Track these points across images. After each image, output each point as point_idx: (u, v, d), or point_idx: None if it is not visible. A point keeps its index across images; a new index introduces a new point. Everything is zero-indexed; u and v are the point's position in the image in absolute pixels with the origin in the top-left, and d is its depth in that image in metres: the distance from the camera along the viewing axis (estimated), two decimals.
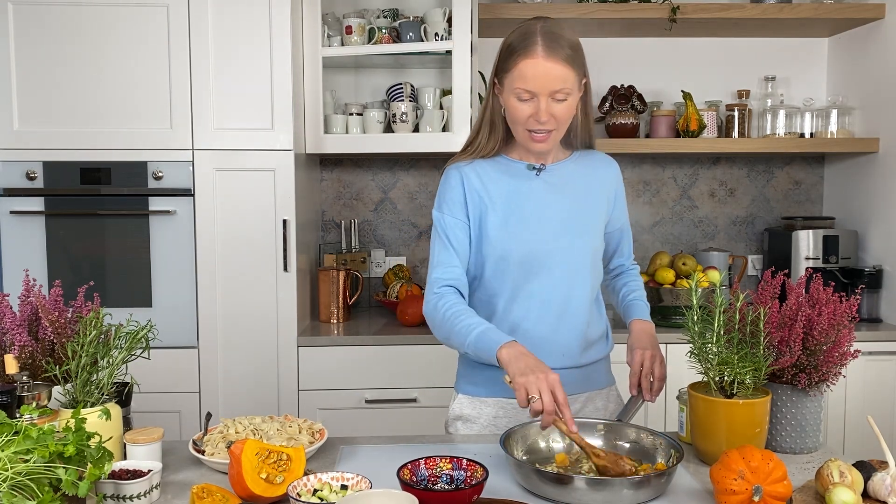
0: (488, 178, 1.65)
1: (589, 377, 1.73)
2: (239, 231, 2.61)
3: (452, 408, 1.74)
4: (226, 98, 2.57)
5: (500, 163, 1.68)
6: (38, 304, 1.46)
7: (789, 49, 3.23)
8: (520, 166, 1.67)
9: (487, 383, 1.68)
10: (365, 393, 2.66)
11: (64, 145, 2.57)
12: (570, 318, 1.66)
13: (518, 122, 1.58)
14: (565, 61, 1.53)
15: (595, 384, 1.74)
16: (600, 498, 1.24)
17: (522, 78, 1.54)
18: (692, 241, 3.30)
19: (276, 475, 1.27)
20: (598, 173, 1.73)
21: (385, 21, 2.89)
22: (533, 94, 1.54)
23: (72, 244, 2.60)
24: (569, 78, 1.54)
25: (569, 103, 1.57)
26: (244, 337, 2.63)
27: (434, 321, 1.61)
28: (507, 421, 1.68)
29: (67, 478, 1.08)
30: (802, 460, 1.48)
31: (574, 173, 1.70)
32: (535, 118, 1.55)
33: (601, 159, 1.77)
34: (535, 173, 1.67)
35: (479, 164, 1.67)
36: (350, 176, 3.23)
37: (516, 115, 1.57)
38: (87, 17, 2.54)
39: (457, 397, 1.75)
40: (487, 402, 1.70)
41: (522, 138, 1.61)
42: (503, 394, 1.67)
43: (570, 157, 1.72)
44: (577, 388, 1.70)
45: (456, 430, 1.73)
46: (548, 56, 1.52)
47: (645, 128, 3.15)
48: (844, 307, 1.49)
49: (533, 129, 1.57)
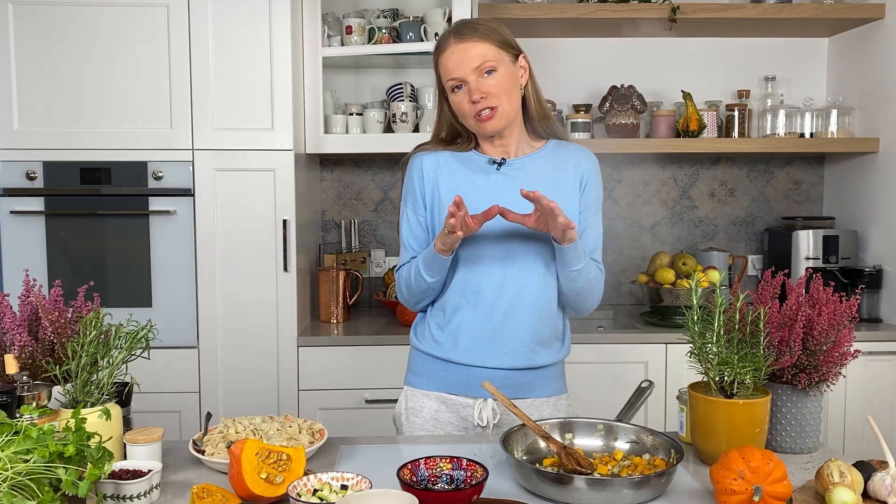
0: (447, 168, 1.66)
1: (536, 381, 1.67)
2: (239, 231, 2.61)
3: (399, 400, 1.76)
4: (226, 98, 2.57)
5: (465, 156, 1.68)
6: (38, 304, 1.46)
7: (789, 49, 3.23)
8: (481, 160, 1.67)
9: (430, 375, 1.69)
10: (365, 393, 2.66)
11: (64, 145, 2.57)
12: (517, 316, 1.62)
13: (463, 113, 1.61)
14: (480, 38, 1.57)
15: (543, 390, 1.68)
16: (600, 498, 1.24)
17: (447, 70, 1.59)
18: (692, 241, 3.30)
19: (276, 475, 1.27)
20: (566, 164, 1.68)
21: (385, 21, 2.89)
22: (460, 80, 1.58)
23: (72, 244, 2.60)
24: (488, 51, 1.57)
25: (499, 75, 1.58)
26: (244, 337, 2.63)
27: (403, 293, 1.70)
28: (450, 416, 1.68)
29: (67, 478, 1.08)
30: (802, 460, 1.48)
31: (540, 167, 1.66)
32: (471, 101, 1.58)
33: (575, 150, 1.70)
34: (496, 167, 1.65)
35: (442, 154, 1.69)
36: (350, 176, 3.23)
37: (459, 107, 1.61)
38: (87, 17, 2.54)
39: (403, 389, 1.76)
40: (430, 396, 1.70)
41: (473, 126, 1.63)
42: (444, 388, 1.68)
43: (539, 150, 1.69)
44: (524, 391, 1.65)
45: (400, 425, 1.73)
46: (459, 40, 1.58)
47: (645, 128, 3.15)
48: (844, 307, 1.49)
49: (473, 112, 1.59)
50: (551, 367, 1.70)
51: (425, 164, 1.68)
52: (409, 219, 1.69)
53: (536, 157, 1.68)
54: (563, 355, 1.72)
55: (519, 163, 1.66)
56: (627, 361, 2.68)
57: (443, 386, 1.67)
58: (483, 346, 1.61)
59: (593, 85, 3.16)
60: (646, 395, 1.60)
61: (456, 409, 1.67)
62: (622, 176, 3.27)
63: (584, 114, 3.02)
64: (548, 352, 1.68)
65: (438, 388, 1.68)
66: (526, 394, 1.66)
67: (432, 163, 1.67)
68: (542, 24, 2.97)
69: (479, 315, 1.63)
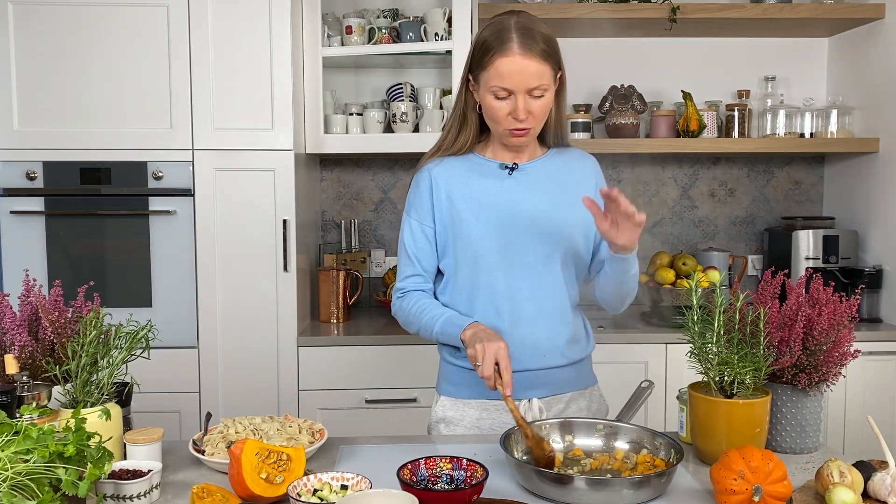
0: (459, 178, 1.64)
1: (572, 377, 1.70)
2: (239, 231, 2.61)
3: (435, 410, 1.73)
4: (226, 98, 2.58)
5: (472, 161, 1.67)
6: (38, 304, 1.46)
7: (789, 49, 3.23)
8: (492, 165, 1.66)
9: (469, 384, 1.67)
10: (365, 393, 2.66)
11: (64, 145, 2.57)
12: (545, 317, 1.64)
13: (496, 120, 1.58)
14: (541, 57, 1.52)
15: (579, 383, 1.72)
16: (600, 498, 1.24)
17: (499, 76, 1.52)
18: (692, 241, 3.30)
19: (276, 475, 1.27)
20: (575, 169, 1.69)
21: (385, 21, 2.89)
22: (510, 92, 1.53)
23: (72, 244, 2.60)
24: (545, 74, 1.53)
25: (546, 99, 1.56)
26: (244, 337, 2.63)
27: (402, 320, 1.69)
28: (491, 423, 1.67)
29: (67, 478, 1.08)
30: (802, 460, 1.48)
31: (550, 171, 1.67)
32: (513, 116, 1.55)
33: (578, 156, 1.72)
34: (508, 172, 1.65)
35: (450, 163, 1.66)
36: (350, 176, 3.23)
37: (494, 113, 1.57)
38: (87, 17, 2.54)
39: (439, 399, 1.73)
40: (470, 404, 1.68)
41: (501, 134, 1.61)
42: (486, 395, 1.66)
43: (545, 154, 1.70)
44: (557, 388, 1.68)
45: (438, 433, 1.71)
46: (524, 53, 1.51)
47: (645, 128, 3.15)
48: (844, 307, 1.49)
49: (511, 126, 1.57)
50: (583, 361, 1.74)
51: (436, 178, 1.65)
52: (412, 229, 1.67)
53: (543, 162, 1.69)
54: (591, 349, 1.76)
55: (529, 167, 1.67)
56: (627, 361, 2.68)
57: (483, 393, 1.66)
58: (518, 350, 1.59)
59: (593, 85, 3.16)
60: (646, 395, 1.60)
61: (499, 413, 1.67)
62: (622, 176, 3.27)
63: (583, 114, 3.02)
64: (578, 347, 1.71)
65: (480, 396, 1.68)
66: (564, 389, 1.69)
67: (443, 175, 1.65)
68: None
69: (510, 322, 1.63)
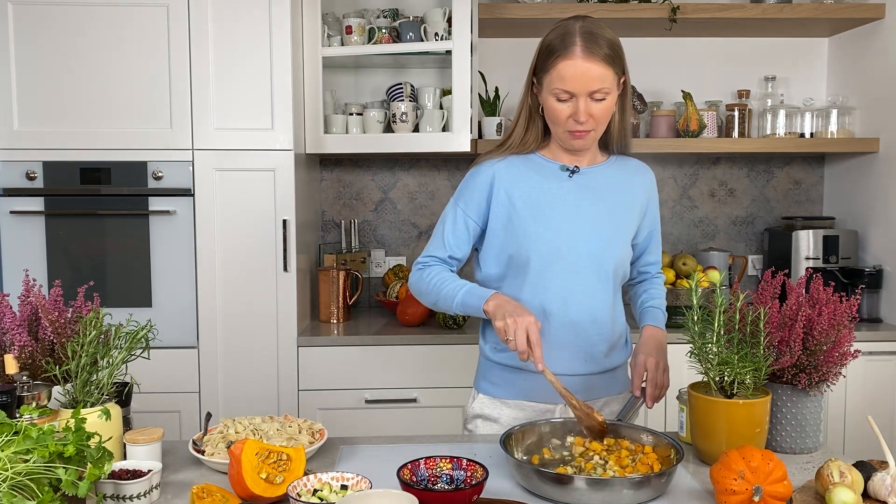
0: (520, 177, 1.65)
1: (610, 382, 1.72)
2: (239, 231, 2.61)
3: (472, 406, 1.74)
4: (226, 98, 2.57)
5: (533, 161, 1.67)
6: (38, 304, 1.46)
7: (789, 49, 3.23)
8: (553, 167, 1.67)
9: (507, 384, 1.69)
10: (365, 393, 2.66)
11: (64, 145, 2.56)
12: (592, 323, 1.65)
13: (557, 122, 1.59)
14: (604, 61, 1.53)
15: (615, 388, 1.74)
16: (600, 498, 1.24)
17: (561, 79, 1.54)
18: (692, 241, 3.30)
19: (276, 475, 1.27)
20: (633, 181, 1.72)
21: (385, 21, 2.89)
22: (572, 95, 1.54)
23: (72, 244, 2.60)
24: (607, 77, 1.54)
25: (608, 102, 1.56)
26: (244, 337, 2.63)
27: (420, 291, 1.67)
28: None
29: (67, 478, 1.08)
30: (802, 460, 1.48)
31: (609, 179, 1.68)
32: (574, 118, 1.56)
33: (636, 167, 1.74)
34: (569, 175, 1.66)
35: (513, 161, 1.67)
36: (350, 176, 3.23)
37: (555, 115, 1.58)
38: (87, 17, 2.54)
39: (477, 396, 1.75)
40: (508, 404, 1.70)
41: (562, 137, 1.62)
42: (523, 396, 1.68)
43: (606, 161, 1.71)
44: (599, 392, 1.70)
45: (475, 428, 1.72)
46: (586, 56, 1.52)
47: (645, 128, 3.15)
48: (844, 307, 1.49)
49: (572, 128, 1.58)
50: (620, 368, 1.75)
51: (498, 174, 1.65)
52: (455, 217, 1.68)
53: (604, 168, 1.70)
54: (628, 355, 1.77)
55: (591, 172, 1.68)
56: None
57: (522, 394, 1.68)
58: (562, 353, 1.61)
59: None
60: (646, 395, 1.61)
61: (536, 414, 1.68)
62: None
63: None
64: (617, 354, 1.73)
65: (518, 396, 1.69)
66: (600, 394, 1.71)
67: (506, 173, 1.65)
68: (542, 24, 2.96)
69: (557, 324, 1.63)
